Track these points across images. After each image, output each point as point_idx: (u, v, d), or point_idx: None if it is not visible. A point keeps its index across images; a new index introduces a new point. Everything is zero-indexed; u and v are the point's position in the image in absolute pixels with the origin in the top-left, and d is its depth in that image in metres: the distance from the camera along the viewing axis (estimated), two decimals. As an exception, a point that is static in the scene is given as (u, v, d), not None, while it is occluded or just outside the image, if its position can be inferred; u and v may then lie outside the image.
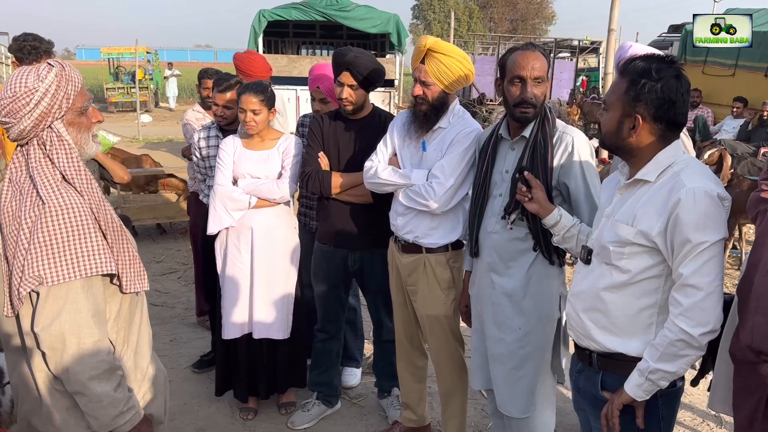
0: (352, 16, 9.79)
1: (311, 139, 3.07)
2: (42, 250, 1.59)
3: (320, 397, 3.39)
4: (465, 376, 2.96)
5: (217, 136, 3.59)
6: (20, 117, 1.62)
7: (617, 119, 1.78)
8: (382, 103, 9.49)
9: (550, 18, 51.24)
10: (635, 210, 1.77)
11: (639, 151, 1.79)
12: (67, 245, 1.61)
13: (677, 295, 1.69)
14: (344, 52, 2.90)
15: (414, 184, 2.68)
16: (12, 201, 1.65)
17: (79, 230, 1.63)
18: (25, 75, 1.63)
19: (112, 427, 1.69)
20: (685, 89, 1.73)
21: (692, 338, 1.66)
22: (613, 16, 5.73)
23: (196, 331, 4.47)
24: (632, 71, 1.75)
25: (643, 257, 1.76)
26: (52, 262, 1.59)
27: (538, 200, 2.18)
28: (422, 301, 2.83)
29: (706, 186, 1.67)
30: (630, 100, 1.74)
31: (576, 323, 1.94)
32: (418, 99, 2.63)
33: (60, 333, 1.60)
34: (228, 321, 3.20)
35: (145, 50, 22.02)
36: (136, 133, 15.40)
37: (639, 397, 1.75)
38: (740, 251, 6.33)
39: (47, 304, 1.60)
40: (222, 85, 3.44)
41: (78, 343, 1.62)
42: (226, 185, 3.11)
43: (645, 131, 1.75)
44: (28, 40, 3.48)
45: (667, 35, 13.51)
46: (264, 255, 3.14)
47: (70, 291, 1.62)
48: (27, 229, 1.60)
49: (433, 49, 2.56)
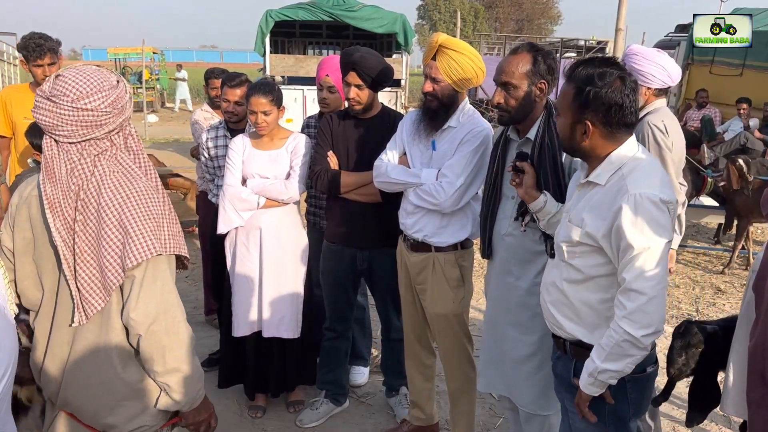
0: (359, 16, 9.79)
1: (320, 138, 3.08)
2: (142, 224, 1.62)
3: (328, 395, 3.41)
4: (474, 375, 2.96)
5: (225, 136, 3.61)
6: (123, 105, 1.67)
7: (569, 125, 1.84)
8: (388, 103, 9.48)
9: (556, 18, 51.16)
10: (584, 212, 1.84)
11: (594, 153, 1.84)
12: (160, 221, 1.68)
13: (622, 299, 1.75)
14: (351, 52, 2.91)
15: (424, 183, 2.68)
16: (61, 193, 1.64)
17: (163, 211, 1.70)
18: (102, 71, 1.68)
19: (197, 402, 1.78)
20: (630, 89, 1.77)
21: (636, 340, 1.73)
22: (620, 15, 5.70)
23: (205, 330, 4.48)
24: (577, 78, 1.79)
25: (594, 256, 1.84)
26: (156, 236, 1.64)
27: (525, 185, 2.22)
28: (431, 299, 2.84)
29: (648, 192, 1.71)
30: (578, 108, 1.79)
31: (547, 314, 2.04)
32: (427, 96, 2.63)
33: (157, 313, 1.64)
34: (238, 319, 3.22)
35: (151, 50, 22.08)
36: (143, 133, 15.43)
37: (594, 393, 1.85)
38: (747, 251, 6.31)
39: (144, 287, 1.63)
40: (234, 81, 3.48)
41: (174, 320, 1.68)
42: (235, 186, 3.13)
43: (597, 135, 1.80)
44: (34, 38, 3.52)
45: (674, 35, 13.45)
46: (273, 254, 3.16)
47: (160, 270, 1.67)
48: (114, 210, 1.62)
49: (445, 46, 2.56)
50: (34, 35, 3.55)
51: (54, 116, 1.60)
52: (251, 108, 3.05)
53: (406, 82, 10.32)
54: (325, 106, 3.37)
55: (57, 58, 3.60)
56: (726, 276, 6.01)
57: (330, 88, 3.34)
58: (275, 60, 9.83)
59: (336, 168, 3.03)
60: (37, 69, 3.54)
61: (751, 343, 1.82)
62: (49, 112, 1.60)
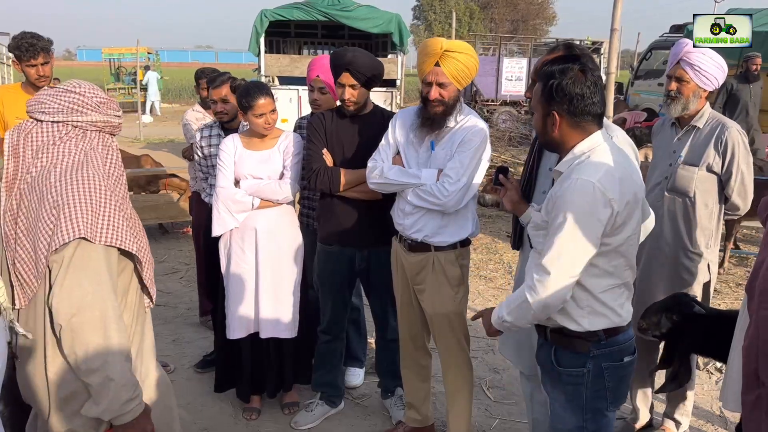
0: (354, 16, 9.77)
1: (314, 137, 3.05)
2: (77, 206, 1.59)
3: (324, 397, 3.39)
4: (471, 375, 2.96)
5: (219, 135, 3.60)
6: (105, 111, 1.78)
7: (541, 119, 1.97)
8: (383, 103, 9.44)
9: (551, 19, 51.26)
10: (547, 199, 1.96)
11: (564, 144, 1.96)
12: (101, 210, 1.63)
13: (532, 266, 1.89)
14: (342, 53, 2.91)
15: (424, 183, 2.67)
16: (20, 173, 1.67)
17: (111, 202, 1.65)
18: (81, 83, 1.79)
19: (118, 414, 1.62)
20: (591, 81, 1.89)
21: (529, 306, 1.88)
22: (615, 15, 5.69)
23: (199, 331, 4.46)
24: (542, 75, 1.95)
25: None
26: (88, 220, 1.59)
27: (511, 200, 2.37)
28: (430, 299, 2.83)
29: (590, 176, 1.82)
30: (545, 102, 1.93)
31: None
32: (434, 102, 2.63)
33: (82, 304, 1.52)
34: (233, 321, 3.19)
35: (146, 51, 22.02)
36: (137, 134, 15.39)
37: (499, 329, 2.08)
38: (744, 251, 6.32)
39: (69, 273, 1.54)
40: (216, 81, 3.58)
41: (101, 316, 1.55)
42: (228, 187, 3.10)
43: (565, 126, 1.92)
44: (26, 38, 3.50)
45: (669, 35, 13.50)
46: (269, 255, 3.13)
47: (92, 259, 1.58)
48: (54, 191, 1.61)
49: (450, 50, 2.57)
50: (26, 35, 3.52)
51: (46, 97, 1.72)
52: (258, 111, 3.03)
53: (401, 83, 10.31)
54: (316, 107, 3.35)
55: (50, 58, 3.58)
56: (721, 275, 6.01)
57: (321, 89, 3.32)
58: (270, 60, 9.80)
59: (332, 166, 3.01)
60: (30, 69, 3.52)
61: (746, 343, 1.83)
62: (43, 95, 1.73)
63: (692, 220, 2.85)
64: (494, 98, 16.91)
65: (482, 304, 4.96)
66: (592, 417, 2.00)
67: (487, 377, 3.86)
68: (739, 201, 2.84)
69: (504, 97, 16.87)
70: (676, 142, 2.93)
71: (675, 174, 2.85)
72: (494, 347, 4.26)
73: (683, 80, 2.79)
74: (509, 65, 17.05)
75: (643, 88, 14.27)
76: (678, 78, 2.81)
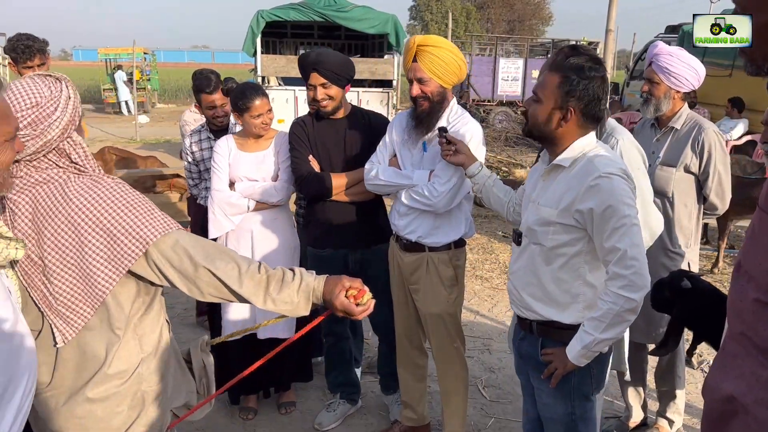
0: (350, 17, 9.77)
1: (297, 143, 3.02)
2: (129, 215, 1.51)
3: (344, 396, 3.41)
4: (466, 375, 2.97)
5: (209, 138, 3.62)
6: (44, 127, 1.47)
7: (548, 110, 1.95)
8: (380, 104, 9.48)
9: (548, 19, 51.31)
10: (555, 193, 1.98)
11: (561, 140, 1.98)
12: (147, 206, 1.57)
13: (617, 269, 1.85)
14: (306, 55, 2.93)
15: (416, 184, 2.69)
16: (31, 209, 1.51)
17: (140, 198, 1.58)
18: (37, 85, 1.50)
19: None
20: (607, 89, 1.96)
21: (636, 303, 1.86)
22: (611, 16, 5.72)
23: (196, 332, 4.46)
24: (567, 67, 1.91)
25: (563, 236, 1.97)
26: (149, 221, 1.53)
27: (464, 152, 2.47)
28: (425, 299, 2.84)
29: (616, 169, 1.88)
30: (563, 94, 1.91)
31: (516, 298, 2.16)
32: (418, 99, 2.64)
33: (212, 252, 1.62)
34: (229, 322, 3.20)
35: (142, 51, 22.00)
36: (133, 134, 15.38)
37: (582, 364, 1.98)
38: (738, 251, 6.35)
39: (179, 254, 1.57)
40: (210, 87, 3.61)
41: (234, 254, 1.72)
42: (223, 190, 3.10)
43: (573, 123, 1.94)
44: (22, 39, 3.50)
45: (664, 36, 13.54)
46: (264, 256, 3.14)
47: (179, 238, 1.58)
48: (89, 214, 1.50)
49: (423, 44, 2.58)
50: (21, 37, 3.53)
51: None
52: (256, 112, 3.02)
53: (397, 83, 10.32)
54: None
55: (46, 59, 3.59)
56: (716, 275, 6.04)
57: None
58: (267, 60, 9.79)
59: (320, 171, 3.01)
60: (26, 71, 3.52)
61: None
62: None
63: (672, 220, 2.88)
64: (491, 98, 16.97)
65: (478, 305, 4.98)
66: (579, 403, 2.08)
67: (482, 376, 3.88)
68: (717, 201, 2.88)
69: (500, 97, 16.93)
70: (655, 143, 2.97)
71: (653, 175, 2.88)
72: (490, 347, 4.28)
73: (654, 82, 2.84)
74: (505, 65, 17.10)
75: (639, 89, 14.29)
76: (649, 80, 2.86)
